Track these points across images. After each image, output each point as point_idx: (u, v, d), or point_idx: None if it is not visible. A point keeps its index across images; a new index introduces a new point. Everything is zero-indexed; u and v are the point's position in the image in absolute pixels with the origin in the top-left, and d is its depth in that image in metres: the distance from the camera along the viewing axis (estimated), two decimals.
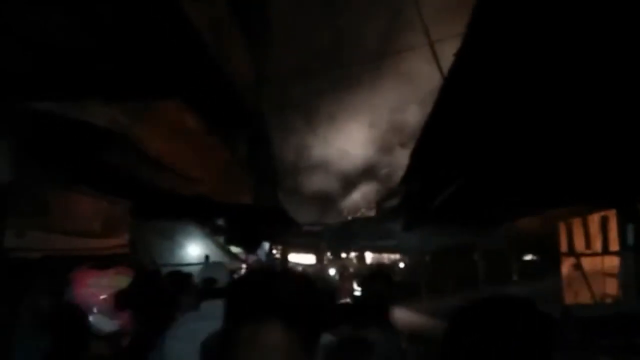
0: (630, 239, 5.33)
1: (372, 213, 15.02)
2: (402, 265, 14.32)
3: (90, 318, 1.69)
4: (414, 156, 4.49)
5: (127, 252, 5.67)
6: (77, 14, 2.51)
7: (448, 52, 2.97)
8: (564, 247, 8.64)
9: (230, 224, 8.31)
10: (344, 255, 18.64)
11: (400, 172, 5.95)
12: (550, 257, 9.04)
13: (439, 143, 3.78)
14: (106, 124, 3.97)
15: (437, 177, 5.07)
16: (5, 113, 3.07)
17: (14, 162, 3.22)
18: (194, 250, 8.87)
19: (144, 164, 4.87)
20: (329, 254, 19.67)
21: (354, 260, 19.29)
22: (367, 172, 15.49)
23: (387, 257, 17.05)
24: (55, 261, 4.22)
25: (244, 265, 10.02)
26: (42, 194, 4.03)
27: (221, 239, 9.44)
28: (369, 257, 17.86)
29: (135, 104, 4.18)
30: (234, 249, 10.15)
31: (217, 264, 4.47)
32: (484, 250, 9.31)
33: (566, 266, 8.57)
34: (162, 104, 4.60)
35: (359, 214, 15.82)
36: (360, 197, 15.73)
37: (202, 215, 8.03)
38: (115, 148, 4.32)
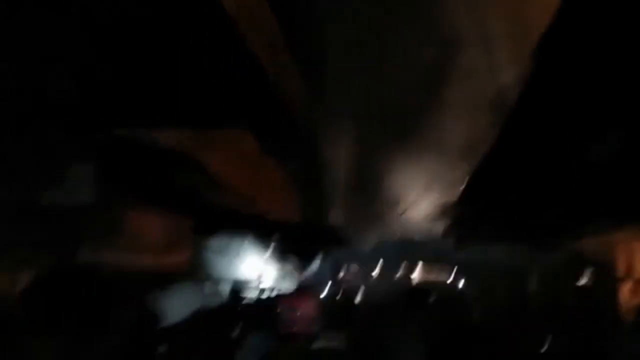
0: None
1: (426, 231, 14.80)
2: (457, 283, 14.08)
3: None
4: (473, 175, 4.48)
5: (188, 268, 5.88)
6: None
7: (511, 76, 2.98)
8: (622, 271, 8.25)
9: (283, 241, 8.44)
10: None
11: (456, 191, 5.91)
12: (608, 281, 8.67)
13: (501, 164, 3.77)
14: (175, 148, 4.19)
15: (494, 197, 5.03)
16: (90, 141, 3.31)
17: (95, 185, 3.45)
18: (248, 266, 9.04)
19: (206, 184, 5.08)
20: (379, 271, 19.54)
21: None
22: (421, 190, 15.30)
23: (437, 275, 16.79)
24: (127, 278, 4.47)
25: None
26: (116, 214, 4.27)
27: (275, 256, 9.59)
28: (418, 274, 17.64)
29: (201, 129, 4.39)
30: (287, 266, 10.28)
31: None
32: (537, 272, 9.04)
33: (624, 291, 8.17)
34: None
35: (411, 232, 15.62)
36: (414, 214, 15.52)
37: (257, 233, 8.21)
38: (181, 170, 4.54)
